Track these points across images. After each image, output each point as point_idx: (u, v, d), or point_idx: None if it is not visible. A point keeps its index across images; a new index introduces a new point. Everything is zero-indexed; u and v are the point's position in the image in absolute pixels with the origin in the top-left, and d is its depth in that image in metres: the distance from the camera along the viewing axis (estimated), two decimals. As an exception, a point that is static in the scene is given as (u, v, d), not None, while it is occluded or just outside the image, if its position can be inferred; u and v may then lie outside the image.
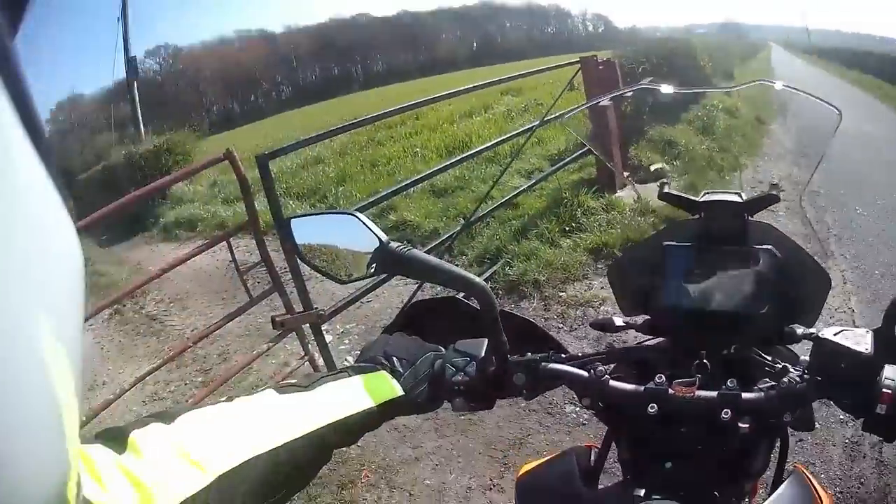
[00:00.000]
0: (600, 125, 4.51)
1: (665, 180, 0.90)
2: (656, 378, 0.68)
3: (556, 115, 4.84)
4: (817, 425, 2.26)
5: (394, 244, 0.70)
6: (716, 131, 6.77)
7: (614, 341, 2.08)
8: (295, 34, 20.81)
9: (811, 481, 0.73)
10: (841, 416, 2.36)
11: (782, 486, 0.71)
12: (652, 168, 5.03)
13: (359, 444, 2.33)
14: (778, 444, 0.79)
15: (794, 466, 0.76)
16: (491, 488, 2.12)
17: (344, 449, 2.19)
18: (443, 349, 0.74)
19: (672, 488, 0.68)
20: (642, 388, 0.68)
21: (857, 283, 3.52)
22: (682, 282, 0.79)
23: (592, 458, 0.80)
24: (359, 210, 0.77)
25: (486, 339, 0.72)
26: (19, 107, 0.21)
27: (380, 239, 0.70)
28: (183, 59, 18.06)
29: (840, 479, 2.27)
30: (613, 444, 0.80)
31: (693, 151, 5.94)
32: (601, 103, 4.38)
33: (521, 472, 0.78)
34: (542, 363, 0.72)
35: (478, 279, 0.70)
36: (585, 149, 4.67)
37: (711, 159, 5.79)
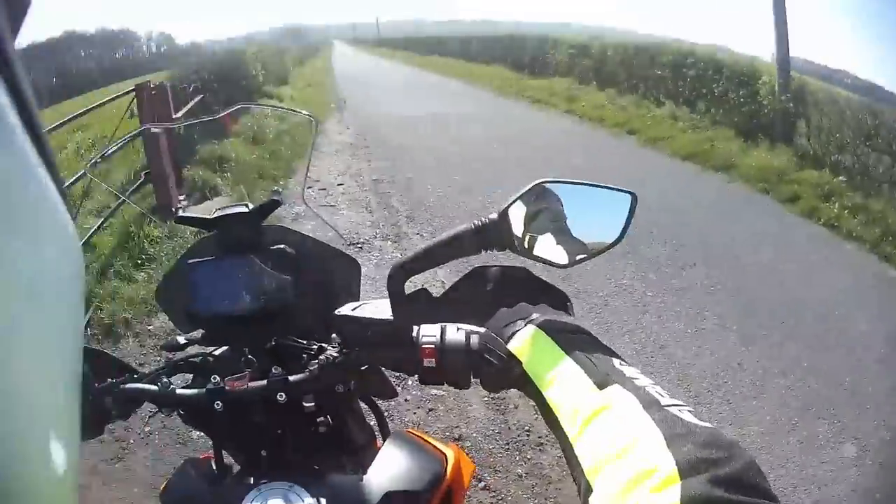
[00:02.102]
0: (154, 152, 4.51)
1: (181, 206, 1.02)
2: (212, 378, 0.75)
3: (116, 146, 4.65)
4: (409, 392, 2.59)
5: None
6: (266, 139, 6.99)
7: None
8: None
9: (421, 437, 0.81)
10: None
11: (382, 448, 0.78)
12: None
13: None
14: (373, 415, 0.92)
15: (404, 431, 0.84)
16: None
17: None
18: None
19: (280, 471, 0.76)
20: (204, 389, 0.75)
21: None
22: (210, 292, 0.85)
23: (215, 467, 0.86)
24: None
25: None
26: (19, 107, 0.21)
27: None
28: None
29: (500, 432, 2.42)
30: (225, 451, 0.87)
31: (244, 163, 6.07)
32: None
33: (161, 493, 0.84)
34: (120, 385, 0.77)
35: None
36: (144, 177, 4.59)
37: (262, 168, 6.06)
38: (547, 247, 0.65)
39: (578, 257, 0.65)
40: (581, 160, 6.56)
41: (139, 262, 4.05)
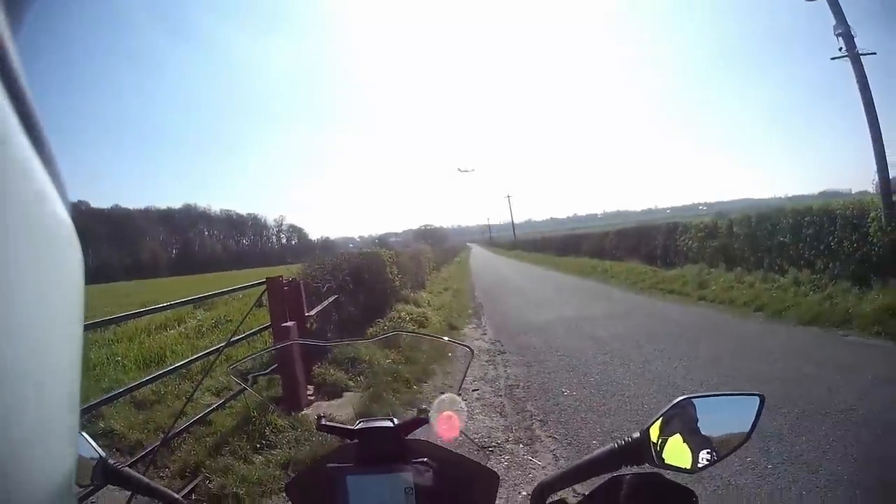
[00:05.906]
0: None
1: (321, 413, 0.99)
2: None
3: (243, 335, 5.19)
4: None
5: (111, 461, 0.84)
6: (401, 343, 6.93)
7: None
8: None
9: None
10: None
11: None
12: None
13: None
14: None
15: None
16: None
17: None
18: None
19: None
20: None
21: (573, 457, 3.80)
22: (349, 498, 0.87)
23: None
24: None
25: None
26: (19, 107, 0.21)
27: (100, 455, 0.84)
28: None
29: None
30: None
31: (377, 365, 6.23)
32: (284, 324, 4.89)
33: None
34: None
35: (172, 493, 0.84)
36: (272, 367, 4.91)
37: (397, 371, 6.10)
38: (680, 455, 0.71)
39: (708, 461, 0.71)
40: (711, 349, 6.69)
41: (258, 445, 4.28)
